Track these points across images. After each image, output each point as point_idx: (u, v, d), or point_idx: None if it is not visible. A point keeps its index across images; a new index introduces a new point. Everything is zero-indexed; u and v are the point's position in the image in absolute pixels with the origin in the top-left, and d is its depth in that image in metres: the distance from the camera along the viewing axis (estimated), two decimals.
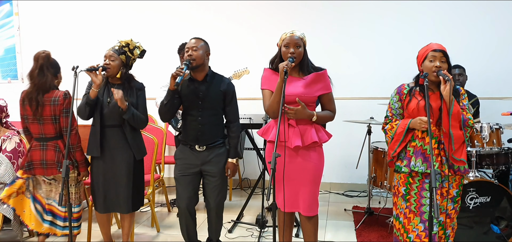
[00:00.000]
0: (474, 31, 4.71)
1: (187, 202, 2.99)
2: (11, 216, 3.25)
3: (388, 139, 2.72)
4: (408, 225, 2.65)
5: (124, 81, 3.06)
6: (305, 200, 2.68)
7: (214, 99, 2.94)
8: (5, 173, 3.29)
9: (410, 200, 2.63)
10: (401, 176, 2.66)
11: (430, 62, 2.53)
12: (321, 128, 2.71)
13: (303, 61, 2.66)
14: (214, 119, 2.97)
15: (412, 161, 2.59)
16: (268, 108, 2.63)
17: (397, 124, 2.65)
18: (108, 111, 3.01)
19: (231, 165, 3.00)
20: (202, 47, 2.90)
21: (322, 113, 2.69)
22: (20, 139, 3.71)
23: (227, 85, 2.98)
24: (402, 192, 2.66)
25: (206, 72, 2.95)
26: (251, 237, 3.72)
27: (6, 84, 5.81)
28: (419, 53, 2.66)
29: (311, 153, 2.66)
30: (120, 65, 3.02)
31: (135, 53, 3.09)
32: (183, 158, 3.01)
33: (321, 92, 2.67)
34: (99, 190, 3.08)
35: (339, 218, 4.21)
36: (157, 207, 4.56)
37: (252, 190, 4.17)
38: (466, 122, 2.55)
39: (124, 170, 3.03)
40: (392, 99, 2.73)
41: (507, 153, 3.47)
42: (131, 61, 3.10)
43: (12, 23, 5.70)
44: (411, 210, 2.63)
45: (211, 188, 3.01)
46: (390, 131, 2.69)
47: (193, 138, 2.96)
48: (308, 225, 2.74)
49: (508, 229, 3.27)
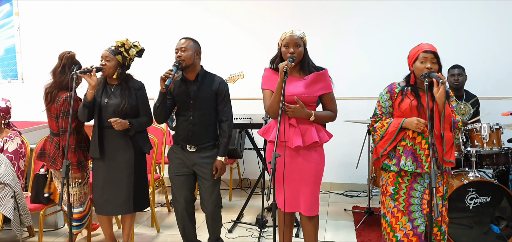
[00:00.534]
0: (474, 31, 4.70)
1: (183, 204, 2.99)
2: (11, 216, 3.25)
3: (376, 137, 2.69)
4: (395, 224, 2.65)
5: (122, 81, 3.05)
6: (306, 200, 2.68)
7: (205, 99, 2.92)
8: (5, 173, 3.29)
9: (399, 200, 2.64)
10: (390, 176, 2.66)
11: (421, 63, 2.53)
12: (321, 128, 2.71)
13: (304, 60, 2.65)
14: (205, 119, 2.94)
15: (401, 160, 2.59)
16: (268, 108, 2.63)
17: (388, 123, 2.64)
18: (106, 112, 3.00)
19: (219, 163, 2.94)
20: (191, 47, 2.88)
21: (321, 112, 2.68)
22: (22, 140, 3.72)
23: (219, 83, 2.95)
24: (391, 191, 2.66)
25: (197, 72, 2.94)
26: (251, 237, 3.72)
27: (6, 84, 5.81)
28: (410, 53, 2.65)
29: (312, 153, 2.65)
30: (116, 65, 3.01)
31: (131, 53, 3.06)
32: (175, 158, 3.01)
33: (322, 92, 2.67)
34: (99, 192, 3.08)
35: (339, 218, 4.22)
36: (157, 207, 4.56)
37: (252, 190, 4.17)
38: (456, 124, 2.57)
39: (125, 171, 3.03)
40: (382, 97, 2.72)
41: (507, 153, 3.47)
42: (128, 61, 3.07)
43: (12, 23, 5.70)
44: (399, 209, 2.64)
45: (204, 191, 2.99)
46: (380, 129, 2.67)
47: (184, 138, 2.95)
48: (309, 225, 2.74)
49: (508, 229, 3.27)
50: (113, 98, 3.01)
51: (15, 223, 3.32)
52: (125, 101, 2.98)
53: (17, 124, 3.92)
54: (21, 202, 3.36)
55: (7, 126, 3.71)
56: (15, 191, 3.30)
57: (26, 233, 3.79)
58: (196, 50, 2.91)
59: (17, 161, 3.59)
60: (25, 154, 3.72)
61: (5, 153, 3.51)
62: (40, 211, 3.45)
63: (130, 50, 3.06)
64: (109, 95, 3.02)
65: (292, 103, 2.59)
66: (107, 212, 3.12)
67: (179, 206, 3.00)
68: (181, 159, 2.98)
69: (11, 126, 3.72)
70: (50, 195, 3.41)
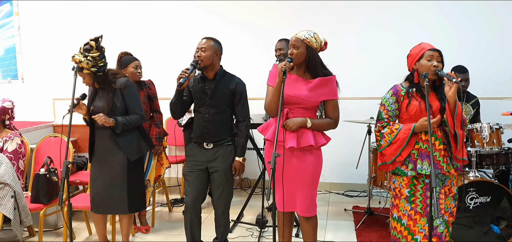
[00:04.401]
0: (474, 31, 4.70)
1: (193, 197, 3.01)
2: (11, 216, 3.26)
3: (383, 143, 2.62)
4: (414, 226, 2.62)
5: (104, 85, 3.00)
6: (302, 201, 2.68)
7: (221, 98, 2.97)
8: (5, 173, 3.29)
9: (416, 202, 2.60)
10: (404, 178, 2.62)
11: (428, 61, 2.51)
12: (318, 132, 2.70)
13: (309, 62, 2.61)
14: (220, 118, 2.98)
15: (418, 164, 2.56)
16: (266, 105, 2.66)
17: (397, 129, 2.57)
18: (95, 115, 3.01)
19: (238, 163, 3.01)
20: (210, 48, 2.92)
21: (319, 121, 2.67)
22: (22, 140, 3.72)
23: (236, 84, 3.00)
24: (406, 194, 2.62)
25: (216, 71, 2.99)
26: (251, 237, 3.72)
27: (6, 84, 5.81)
28: (412, 52, 2.62)
29: (307, 155, 2.65)
30: (91, 77, 2.94)
31: (88, 65, 2.85)
32: (192, 155, 3.06)
33: (325, 98, 2.65)
34: (95, 191, 3.10)
35: (339, 218, 4.22)
36: (158, 207, 4.56)
37: (252, 190, 4.17)
38: (464, 122, 2.57)
39: (118, 172, 3.03)
40: (387, 100, 2.64)
41: (507, 153, 3.47)
42: (97, 63, 2.89)
43: (12, 23, 5.70)
44: (417, 212, 2.60)
45: (215, 185, 3.03)
46: (388, 135, 2.60)
47: (199, 134, 3.01)
48: (307, 226, 2.74)
49: (508, 229, 3.27)
50: (98, 102, 3.02)
51: (15, 223, 3.32)
52: (108, 104, 2.96)
53: (17, 124, 3.92)
54: (21, 202, 3.36)
55: (7, 127, 3.71)
56: (15, 191, 3.30)
57: (26, 233, 3.79)
58: (216, 51, 2.96)
59: (16, 161, 3.59)
60: (24, 154, 3.72)
61: (4, 153, 3.52)
62: (40, 211, 3.45)
63: (88, 57, 2.85)
64: (96, 100, 3.05)
65: (293, 103, 2.60)
66: (102, 211, 3.13)
67: (189, 200, 3.02)
68: (197, 156, 3.03)
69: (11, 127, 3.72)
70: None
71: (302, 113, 2.63)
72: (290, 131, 2.59)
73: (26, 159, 3.74)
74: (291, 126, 2.58)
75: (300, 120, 2.59)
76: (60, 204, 2.59)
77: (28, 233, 3.80)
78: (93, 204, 3.11)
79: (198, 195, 3.03)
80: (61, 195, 2.59)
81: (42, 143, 3.86)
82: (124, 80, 3.03)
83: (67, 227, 2.81)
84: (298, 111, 2.63)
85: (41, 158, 3.75)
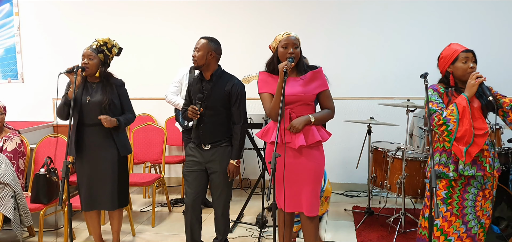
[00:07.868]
0: (474, 31, 4.70)
1: (193, 197, 3.01)
2: (11, 216, 3.26)
3: (452, 125, 2.44)
4: (448, 228, 2.60)
5: (103, 79, 3.08)
6: (308, 199, 2.67)
7: (216, 99, 2.94)
8: (5, 172, 3.29)
9: (452, 204, 2.58)
10: (441, 180, 2.59)
11: (464, 63, 2.51)
12: (321, 127, 2.71)
13: (300, 60, 2.67)
14: (216, 119, 2.97)
15: (460, 165, 2.51)
16: (270, 111, 2.62)
17: (453, 105, 2.46)
18: (87, 109, 3.03)
19: (232, 166, 2.99)
20: (204, 47, 2.91)
21: (319, 113, 2.68)
22: (21, 139, 3.71)
23: (233, 85, 2.96)
24: (443, 196, 2.59)
25: (212, 71, 2.97)
26: (251, 237, 3.72)
27: (6, 84, 5.81)
28: (443, 55, 2.61)
29: (314, 151, 2.65)
30: (98, 63, 3.05)
31: (113, 52, 3.13)
32: (191, 155, 3.06)
33: (319, 90, 2.67)
34: (83, 188, 3.11)
35: (339, 218, 4.21)
36: (158, 207, 4.56)
37: (252, 190, 4.17)
38: None
39: (108, 168, 3.06)
40: (431, 96, 2.55)
41: (507, 153, 3.47)
42: (109, 59, 3.13)
43: (12, 23, 5.70)
44: (452, 213, 2.58)
45: (214, 186, 3.04)
46: (451, 115, 2.44)
47: (196, 135, 3.01)
48: (310, 226, 2.73)
49: (508, 229, 3.27)
50: (94, 96, 3.04)
51: (15, 223, 3.32)
52: (107, 98, 3.01)
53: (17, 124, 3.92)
54: (21, 202, 3.36)
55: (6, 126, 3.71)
56: (15, 191, 3.30)
57: (26, 233, 3.79)
58: (211, 50, 2.93)
59: (16, 160, 3.59)
60: (24, 154, 3.72)
61: (4, 153, 3.52)
62: (40, 211, 3.45)
63: (112, 48, 3.12)
64: (91, 93, 3.05)
65: (292, 103, 2.60)
66: (94, 207, 3.15)
67: (189, 200, 3.03)
68: (196, 157, 3.03)
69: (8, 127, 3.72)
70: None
71: (304, 109, 2.63)
72: (297, 132, 2.58)
73: (26, 159, 3.74)
74: (297, 126, 2.56)
75: (304, 118, 2.59)
76: (60, 204, 2.59)
77: (28, 233, 3.80)
78: (84, 203, 3.13)
79: (198, 195, 3.03)
80: (61, 195, 2.59)
81: (42, 143, 3.86)
82: (120, 80, 3.18)
83: (67, 227, 2.81)
84: (299, 108, 2.63)
85: (41, 158, 3.75)
